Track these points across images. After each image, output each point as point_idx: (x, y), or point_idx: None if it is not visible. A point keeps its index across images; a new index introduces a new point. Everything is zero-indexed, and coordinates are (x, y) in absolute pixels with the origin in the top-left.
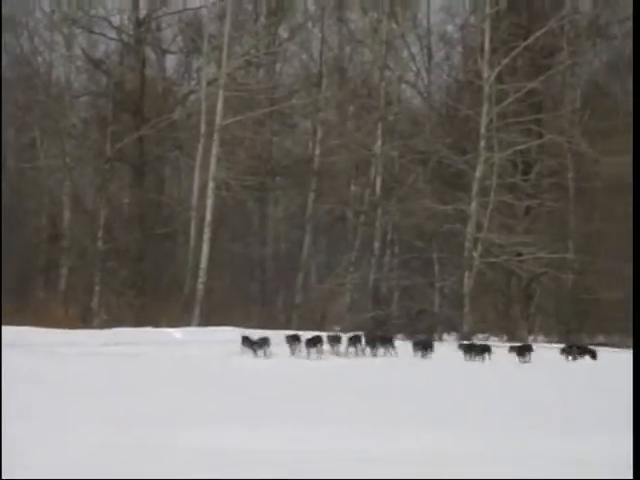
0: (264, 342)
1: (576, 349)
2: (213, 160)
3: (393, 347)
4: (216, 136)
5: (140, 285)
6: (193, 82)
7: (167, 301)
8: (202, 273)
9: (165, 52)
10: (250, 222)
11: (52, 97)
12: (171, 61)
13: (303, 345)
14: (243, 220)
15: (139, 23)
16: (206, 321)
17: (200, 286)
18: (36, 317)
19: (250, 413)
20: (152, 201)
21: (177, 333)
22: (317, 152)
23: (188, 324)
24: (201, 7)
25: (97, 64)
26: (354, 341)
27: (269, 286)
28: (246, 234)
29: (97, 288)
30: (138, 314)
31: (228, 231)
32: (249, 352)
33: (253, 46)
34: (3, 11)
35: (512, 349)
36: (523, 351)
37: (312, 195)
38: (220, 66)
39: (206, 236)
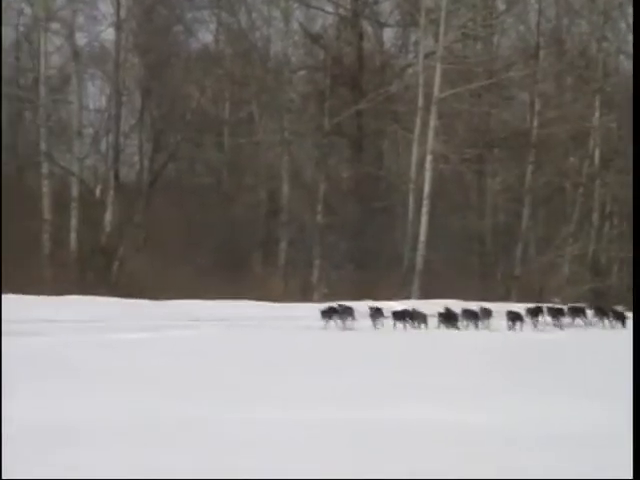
0: (346, 312)
1: None
2: (431, 133)
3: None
4: (434, 109)
5: (359, 259)
6: (411, 55)
7: (386, 274)
8: (421, 246)
9: (382, 25)
10: (468, 195)
11: (270, 72)
12: (388, 34)
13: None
14: (461, 193)
15: None
16: (425, 294)
17: (419, 259)
18: (256, 291)
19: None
20: (370, 175)
21: (398, 306)
22: (535, 124)
23: (408, 297)
24: None
25: (314, 38)
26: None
27: (488, 259)
28: (464, 207)
29: (316, 262)
30: (357, 288)
31: (446, 204)
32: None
33: (470, 19)
34: None
35: None
36: None
37: (530, 167)
38: (437, 39)
39: (425, 209)
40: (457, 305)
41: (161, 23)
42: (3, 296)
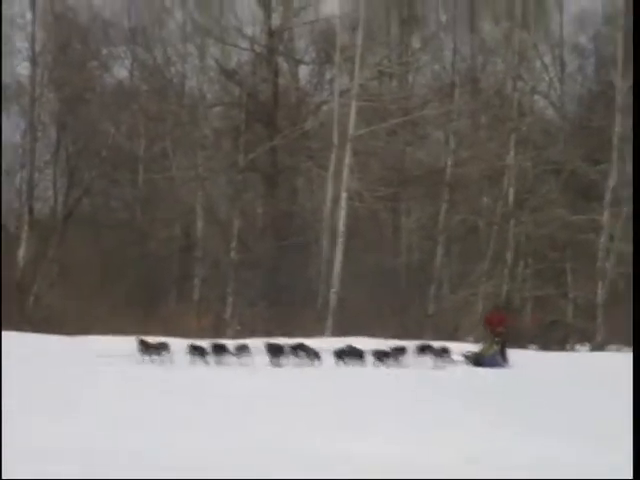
0: (162, 348)
1: None
2: (346, 170)
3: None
4: (348, 146)
5: (273, 295)
6: (326, 92)
7: (300, 311)
8: (335, 283)
9: (298, 62)
10: (383, 232)
11: (185, 107)
12: (304, 71)
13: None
14: (376, 230)
15: (271, 33)
16: (339, 332)
17: (333, 296)
18: (168, 327)
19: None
20: (285, 211)
21: (310, 344)
22: (449, 163)
23: (321, 334)
24: (334, 17)
25: (230, 74)
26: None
27: (402, 296)
28: (379, 244)
29: (230, 298)
30: (271, 324)
31: (361, 241)
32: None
33: (385, 56)
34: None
35: None
36: None
37: (445, 205)
38: (353, 76)
39: (339, 246)
40: (370, 343)
41: (76, 58)
42: None
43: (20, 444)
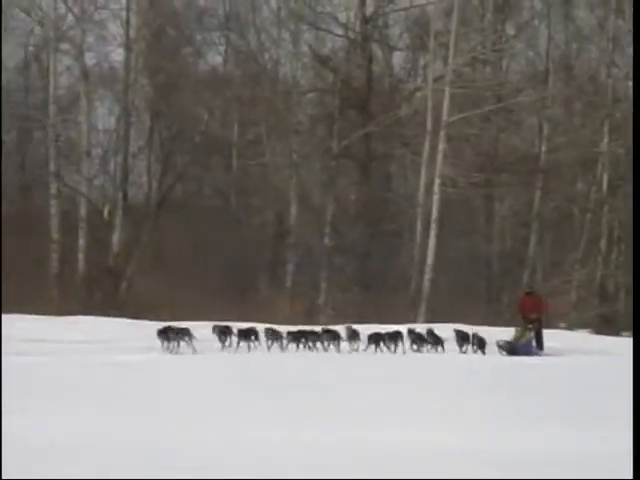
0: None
1: None
2: (439, 157)
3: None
4: (442, 133)
5: (366, 281)
6: (420, 79)
7: (393, 298)
8: (428, 269)
9: (392, 49)
10: (476, 219)
11: (279, 94)
12: (398, 58)
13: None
14: (469, 217)
15: (366, 20)
16: (432, 318)
17: (426, 283)
18: (261, 313)
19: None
20: (378, 198)
21: (403, 329)
22: (543, 149)
23: (414, 321)
24: (428, 3)
25: (324, 61)
26: None
27: (495, 283)
28: (472, 231)
29: (323, 284)
30: (364, 310)
31: (454, 228)
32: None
33: (480, 43)
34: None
35: None
36: None
37: (538, 192)
38: (447, 63)
39: (432, 232)
40: (461, 329)
41: (170, 44)
42: (9, 315)
43: None
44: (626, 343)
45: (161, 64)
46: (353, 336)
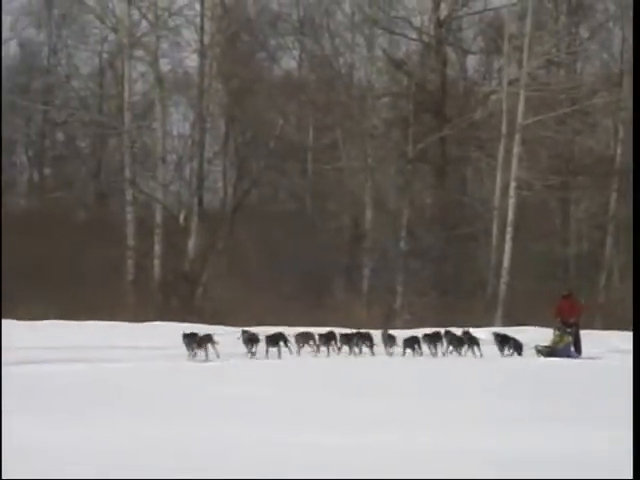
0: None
1: None
2: (514, 160)
3: None
4: (517, 136)
5: (442, 285)
6: (494, 82)
7: (469, 301)
8: (504, 273)
9: (466, 52)
10: (552, 222)
11: (353, 98)
12: (472, 61)
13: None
14: (545, 220)
15: (440, 23)
16: (509, 321)
17: (503, 286)
18: (337, 318)
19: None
20: (454, 201)
21: (480, 333)
22: (619, 151)
23: (491, 324)
24: (502, 7)
25: (398, 65)
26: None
27: (571, 286)
28: (548, 234)
29: (399, 288)
30: (440, 314)
31: (530, 231)
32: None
33: (554, 45)
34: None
35: None
36: None
37: (614, 194)
38: (521, 66)
39: (508, 236)
40: (539, 332)
41: (245, 50)
42: (87, 322)
43: None
44: None
45: (235, 69)
46: (389, 340)
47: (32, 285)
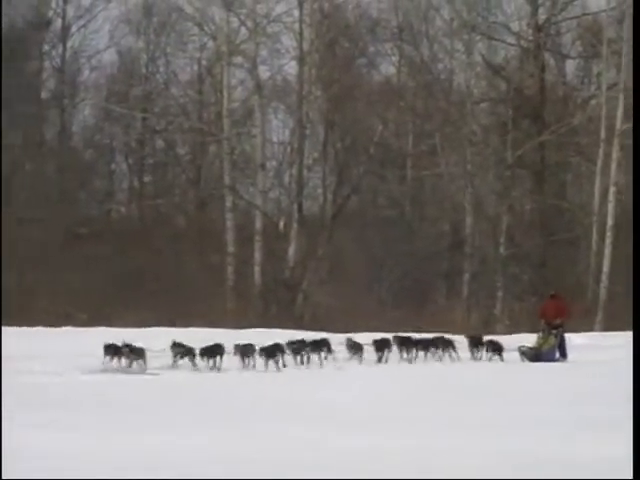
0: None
1: None
2: (613, 165)
3: None
4: (616, 140)
5: (542, 290)
6: (593, 86)
7: (569, 306)
8: (604, 277)
9: (564, 57)
10: None
11: (452, 104)
12: (570, 66)
13: None
14: None
15: (538, 28)
16: (609, 326)
17: (602, 290)
18: (437, 323)
19: None
20: (553, 206)
21: (578, 338)
22: None
23: (591, 329)
24: (600, 11)
25: (497, 70)
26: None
27: None
28: None
29: (499, 294)
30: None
31: (630, 236)
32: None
33: None
34: None
35: None
36: None
37: None
38: (620, 70)
39: (608, 240)
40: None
41: (344, 56)
42: (187, 329)
43: None
44: None
45: (334, 76)
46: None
47: (133, 292)
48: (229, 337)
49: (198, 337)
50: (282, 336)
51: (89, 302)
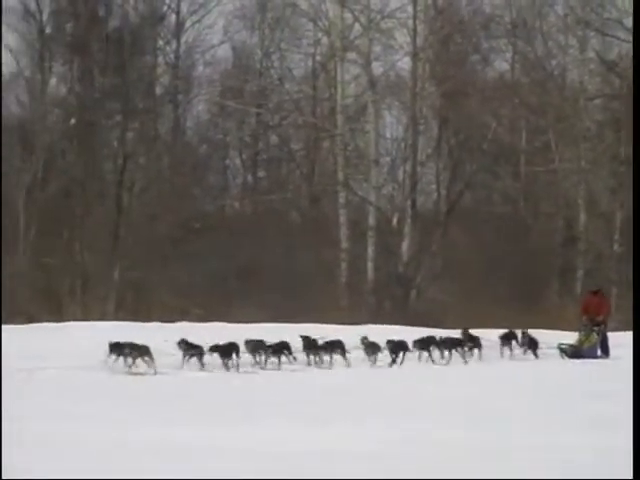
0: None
1: None
2: None
3: None
4: None
5: None
6: None
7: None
8: None
9: None
10: None
11: (566, 100)
12: None
13: None
14: None
15: None
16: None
17: None
18: (550, 320)
19: None
20: None
21: None
22: None
23: None
24: None
25: (610, 66)
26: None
27: None
28: None
29: (614, 290)
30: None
31: None
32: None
33: None
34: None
35: None
36: None
37: None
38: None
39: None
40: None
41: (457, 52)
42: (299, 325)
43: None
44: None
45: (448, 72)
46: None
47: (246, 288)
48: (345, 333)
49: (316, 332)
50: (395, 333)
51: (205, 297)
